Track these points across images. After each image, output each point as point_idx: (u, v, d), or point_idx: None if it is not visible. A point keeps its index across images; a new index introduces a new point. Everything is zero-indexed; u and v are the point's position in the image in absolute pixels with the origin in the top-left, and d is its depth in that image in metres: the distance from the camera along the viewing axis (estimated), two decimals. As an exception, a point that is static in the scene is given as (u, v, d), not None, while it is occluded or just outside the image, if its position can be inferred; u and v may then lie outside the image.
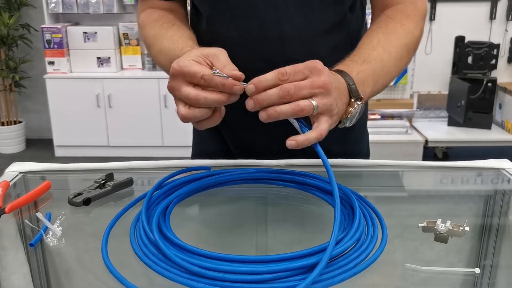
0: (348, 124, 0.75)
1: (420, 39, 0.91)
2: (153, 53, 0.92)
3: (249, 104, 0.65)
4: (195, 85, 0.68)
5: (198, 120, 0.70)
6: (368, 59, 0.80)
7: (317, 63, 0.67)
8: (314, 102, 0.65)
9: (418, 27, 0.90)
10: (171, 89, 0.71)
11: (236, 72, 0.67)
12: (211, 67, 0.69)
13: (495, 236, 0.76)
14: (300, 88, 0.65)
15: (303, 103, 0.65)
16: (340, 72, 0.75)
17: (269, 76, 0.65)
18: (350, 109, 0.73)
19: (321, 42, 0.91)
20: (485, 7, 3.94)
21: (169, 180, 0.83)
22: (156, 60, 0.92)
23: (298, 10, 0.89)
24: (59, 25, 3.93)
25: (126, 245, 0.67)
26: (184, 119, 0.70)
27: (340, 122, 0.73)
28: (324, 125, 0.67)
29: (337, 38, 0.93)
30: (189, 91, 0.68)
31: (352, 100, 0.73)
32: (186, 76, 0.68)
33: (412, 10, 0.90)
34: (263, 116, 0.65)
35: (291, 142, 0.66)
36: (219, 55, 0.70)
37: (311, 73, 0.66)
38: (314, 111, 0.65)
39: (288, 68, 0.65)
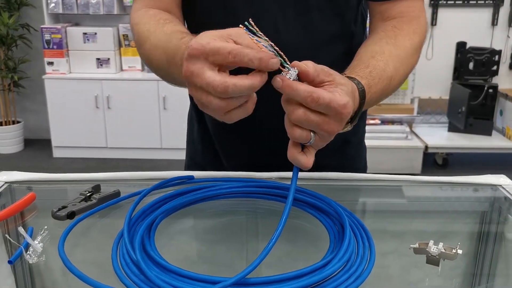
0: None
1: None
2: (145, 49, 0.81)
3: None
4: (219, 68, 0.58)
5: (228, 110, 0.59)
6: (382, 78, 0.77)
7: (347, 108, 0.60)
8: (312, 139, 0.61)
9: (422, 43, 0.88)
10: (189, 75, 0.58)
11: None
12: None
13: (490, 254, 0.74)
14: (311, 125, 0.60)
15: (304, 134, 0.61)
16: (361, 89, 0.70)
17: (301, 91, 0.58)
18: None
19: (320, 54, 0.89)
20: (487, 13, 3.92)
21: (154, 193, 0.81)
22: (148, 59, 0.81)
23: (297, 20, 0.86)
24: (58, 26, 3.92)
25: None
26: (216, 111, 0.59)
27: None
28: (311, 157, 0.63)
29: (337, 50, 0.91)
30: (214, 77, 0.57)
31: (348, 123, 0.69)
32: (209, 55, 0.57)
33: (417, 25, 0.88)
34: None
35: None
36: (242, 34, 0.60)
37: (333, 116, 0.60)
38: (307, 143, 0.62)
39: (321, 99, 0.58)
